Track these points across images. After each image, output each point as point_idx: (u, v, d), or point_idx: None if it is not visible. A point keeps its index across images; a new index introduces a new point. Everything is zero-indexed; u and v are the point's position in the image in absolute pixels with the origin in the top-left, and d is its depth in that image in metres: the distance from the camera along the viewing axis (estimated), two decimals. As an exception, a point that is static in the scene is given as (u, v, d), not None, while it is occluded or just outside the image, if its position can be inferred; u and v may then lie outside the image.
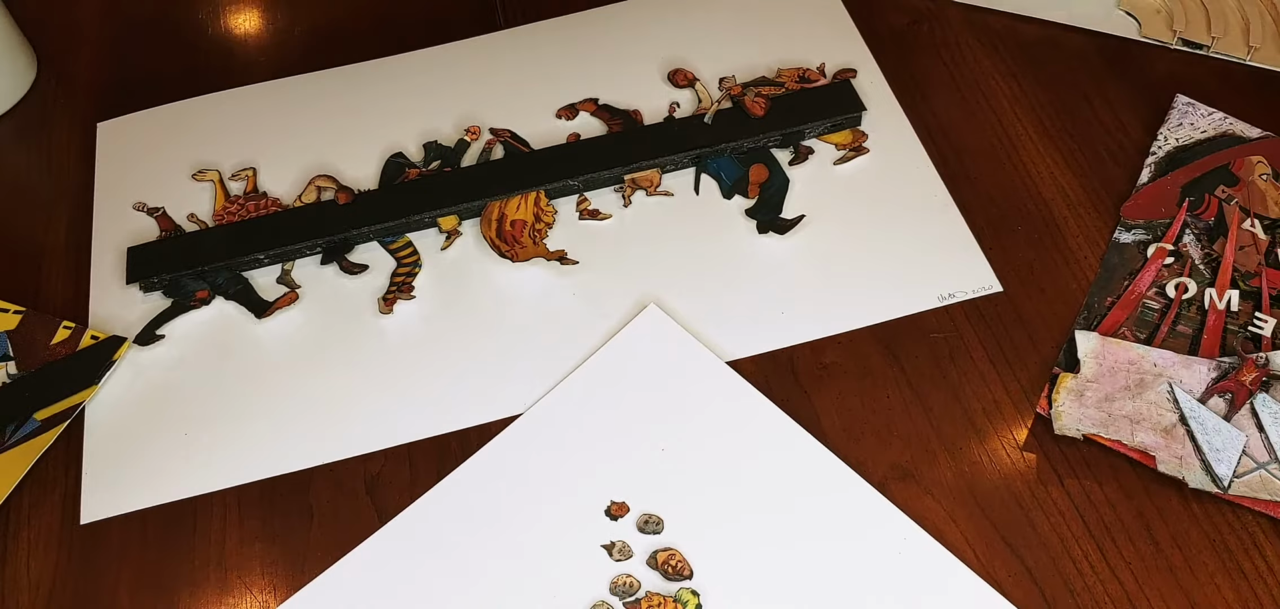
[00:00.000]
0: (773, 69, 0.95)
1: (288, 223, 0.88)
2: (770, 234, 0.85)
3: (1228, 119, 0.89)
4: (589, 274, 0.84)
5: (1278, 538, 0.69)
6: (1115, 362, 0.76)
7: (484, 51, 0.99)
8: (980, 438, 0.74)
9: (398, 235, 0.88)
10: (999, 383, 0.77)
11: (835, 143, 0.90)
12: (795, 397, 0.77)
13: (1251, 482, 0.71)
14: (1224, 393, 0.74)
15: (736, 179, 0.89)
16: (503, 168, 0.90)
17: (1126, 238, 0.83)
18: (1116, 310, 0.79)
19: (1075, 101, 0.92)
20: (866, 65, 0.95)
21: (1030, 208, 0.86)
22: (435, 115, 0.95)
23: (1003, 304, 0.81)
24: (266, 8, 1.05)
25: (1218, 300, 0.79)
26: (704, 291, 0.83)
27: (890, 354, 0.79)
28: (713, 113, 0.92)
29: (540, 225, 0.87)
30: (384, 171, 0.91)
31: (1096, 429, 0.73)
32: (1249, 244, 0.82)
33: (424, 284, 0.85)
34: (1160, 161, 0.87)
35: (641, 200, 0.88)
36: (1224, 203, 0.84)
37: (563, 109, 0.94)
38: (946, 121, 0.91)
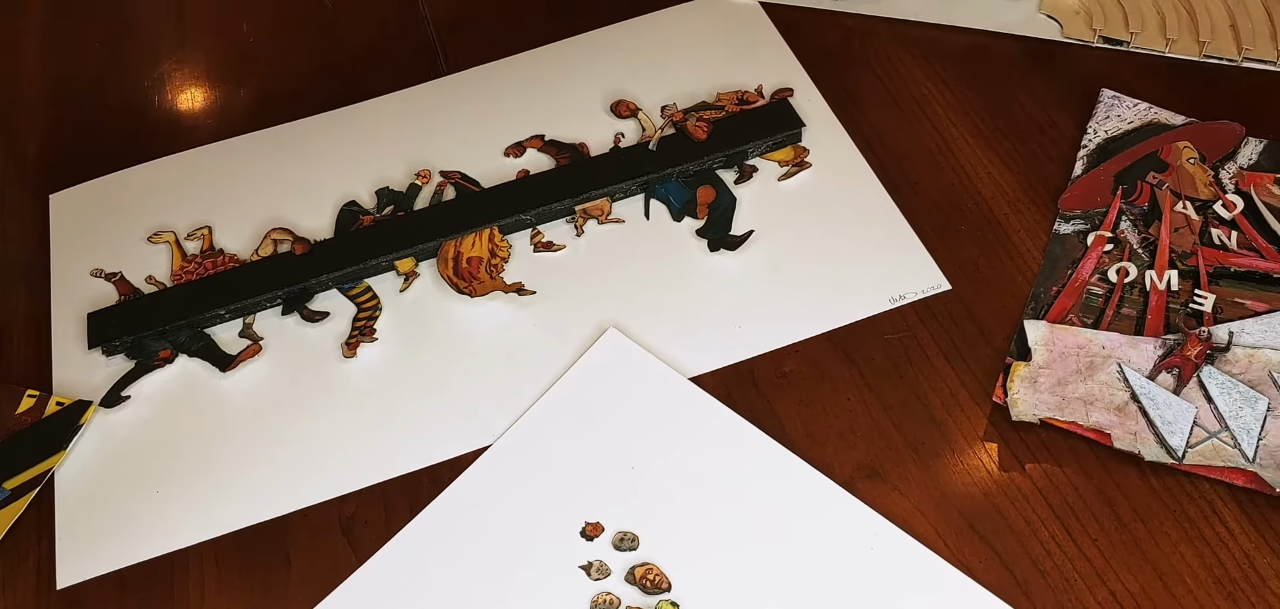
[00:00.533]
0: (712, 94, 0.95)
1: (246, 277, 0.86)
2: (722, 252, 0.85)
3: (1152, 109, 0.89)
4: (547, 304, 0.83)
5: (1236, 504, 0.69)
6: (1065, 347, 0.76)
7: (430, 97, 0.99)
8: (941, 431, 0.74)
9: (356, 281, 0.86)
10: (955, 377, 0.77)
11: (778, 160, 0.90)
12: (758, 406, 0.76)
13: (1205, 450, 0.71)
14: (1171, 368, 0.75)
15: (685, 202, 0.88)
16: (455, 208, 0.89)
17: (1066, 228, 0.83)
18: (1062, 298, 0.79)
19: (1006, 103, 0.92)
20: (802, 84, 0.95)
21: (971, 207, 0.86)
22: (386, 162, 0.93)
23: (952, 301, 0.81)
24: (210, 71, 1.04)
25: (1158, 281, 0.79)
26: (661, 312, 0.82)
27: (847, 358, 0.78)
28: (657, 140, 0.91)
29: (496, 260, 0.86)
30: (339, 220, 0.90)
31: (1052, 413, 0.73)
32: (1183, 226, 0.82)
33: (385, 326, 0.84)
34: (1092, 153, 0.87)
35: (594, 229, 0.88)
36: (1156, 188, 0.84)
37: (510, 147, 0.93)
38: (883, 131, 0.91)
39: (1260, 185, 0.84)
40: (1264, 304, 0.78)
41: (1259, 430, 0.72)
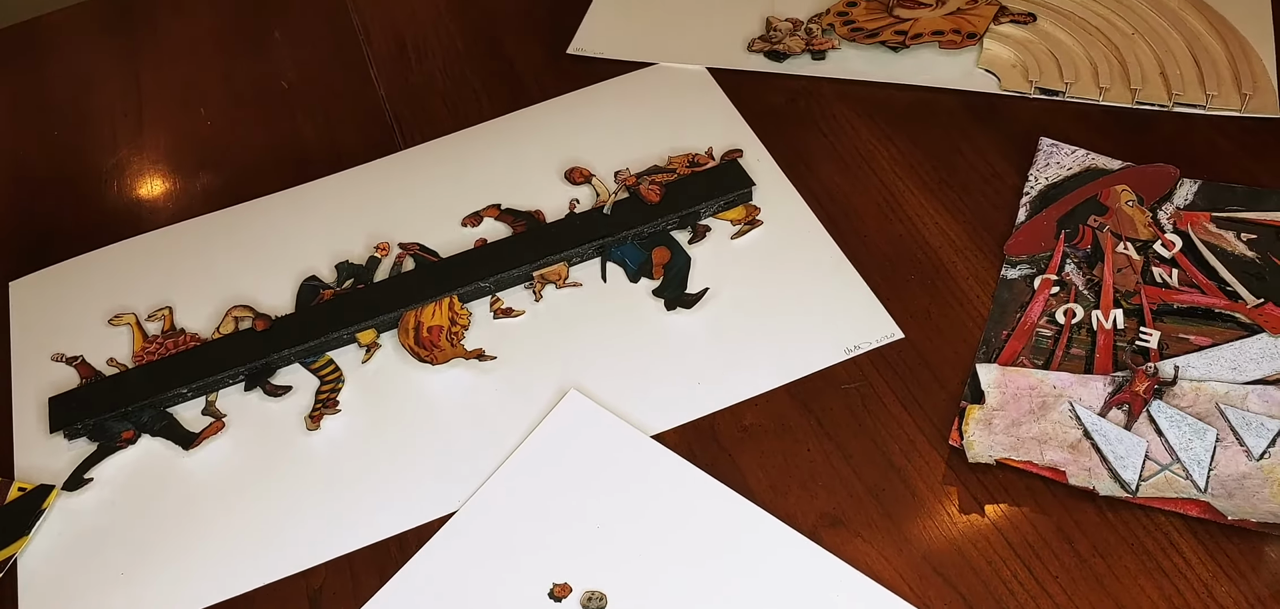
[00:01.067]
0: (664, 158, 0.94)
1: (208, 355, 0.85)
2: (678, 310, 0.84)
3: (1090, 155, 0.90)
4: (509, 368, 0.82)
5: (1191, 534, 0.69)
6: (1017, 388, 0.76)
7: (386, 172, 0.98)
8: (901, 477, 0.73)
9: (318, 355, 0.85)
10: (912, 423, 0.76)
11: (730, 219, 0.90)
12: (720, 460, 0.76)
13: (1157, 483, 0.71)
14: (1121, 405, 0.74)
15: (640, 263, 0.88)
16: (415, 278, 0.88)
17: (1013, 273, 0.83)
18: (1013, 341, 0.79)
19: (949, 155, 0.92)
20: (751, 144, 0.95)
21: (920, 257, 0.86)
22: (345, 237, 0.92)
23: (906, 349, 0.80)
24: (169, 155, 1.02)
25: (1104, 321, 0.79)
26: (621, 372, 0.81)
27: (806, 409, 0.78)
28: (611, 204, 0.91)
29: (456, 328, 0.85)
30: (299, 295, 0.88)
31: (1007, 453, 0.73)
32: (1125, 266, 0.82)
33: (348, 397, 0.82)
34: (1034, 200, 0.87)
35: (552, 293, 0.87)
36: (1097, 231, 0.85)
37: (468, 217, 0.92)
38: (832, 187, 0.91)
39: (1197, 224, 0.84)
40: (1207, 338, 0.78)
41: (1209, 461, 0.71)
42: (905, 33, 1.02)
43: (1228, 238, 0.83)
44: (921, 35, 1.02)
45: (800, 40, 1.03)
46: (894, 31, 1.02)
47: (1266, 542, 0.68)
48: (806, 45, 1.02)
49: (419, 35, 1.10)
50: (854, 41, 1.02)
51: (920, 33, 1.02)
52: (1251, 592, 0.66)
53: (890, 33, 1.02)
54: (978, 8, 1.04)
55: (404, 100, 1.04)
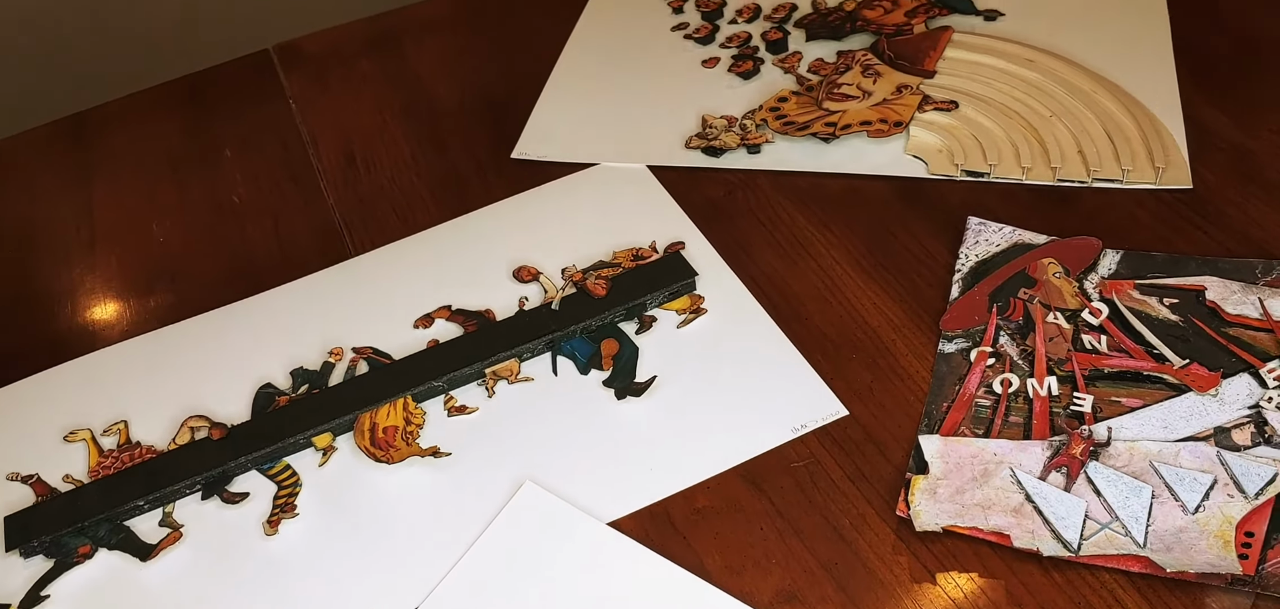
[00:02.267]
0: (609, 253, 0.94)
1: (164, 466, 0.83)
2: (629, 399, 0.83)
3: (1017, 231, 0.91)
4: (464, 464, 0.81)
5: (1134, 589, 0.69)
6: (960, 457, 0.76)
7: (338, 279, 0.97)
8: (852, 549, 0.73)
9: (275, 460, 0.83)
10: (860, 497, 0.76)
11: (676, 309, 0.89)
12: (676, 544, 0.75)
13: (1099, 541, 0.71)
14: (1060, 468, 0.74)
15: (590, 355, 0.87)
16: (369, 381, 0.87)
17: (950, 348, 0.83)
18: (953, 413, 0.79)
19: (883, 238, 0.93)
20: (693, 236, 0.95)
21: (860, 336, 0.86)
22: (299, 344, 0.91)
23: (851, 425, 0.80)
24: (121, 272, 1.01)
25: (1039, 388, 0.80)
26: (576, 462, 0.80)
27: (757, 488, 0.77)
28: (559, 300, 0.90)
29: (411, 427, 0.84)
30: (255, 403, 0.87)
31: (953, 520, 0.72)
32: (1056, 335, 0.83)
33: (306, 501, 0.80)
34: (966, 276, 0.88)
35: (505, 389, 0.86)
36: (1027, 303, 0.85)
37: (419, 319, 0.91)
38: (772, 274, 0.91)
39: (1121, 291, 0.85)
40: (1138, 399, 0.78)
41: (1147, 517, 0.71)
42: (835, 124, 1.03)
43: (1151, 303, 0.84)
44: (850, 126, 1.03)
45: (735, 136, 1.04)
46: (824, 123, 1.03)
47: (1207, 592, 0.68)
48: (742, 140, 1.03)
49: (366, 145, 1.10)
50: (787, 134, 1.03)
51: (849, 123, 1.03)
52: (1196, 642, 0.66)
53: (820, 125, 1.03)
54: (902, 98, 1.05)
55: (353, 208, 1.03)
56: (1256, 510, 0.71)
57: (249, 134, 1.14)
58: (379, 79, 1.19)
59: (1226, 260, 0.87)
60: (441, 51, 1.22)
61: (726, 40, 1.17)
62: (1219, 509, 0.71)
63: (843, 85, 1.08)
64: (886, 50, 1.11)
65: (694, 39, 1.17)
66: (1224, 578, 0.68)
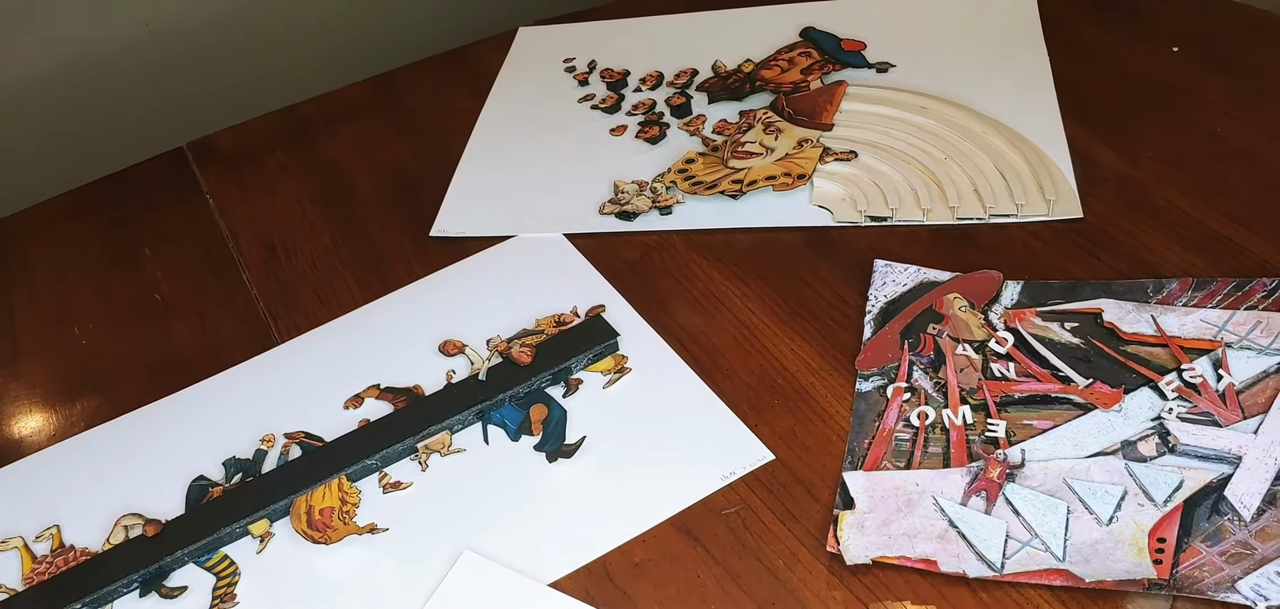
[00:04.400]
0: (532, 321, 0.94)
1: (100, 567, 0.81)
2: (560, 461, 0.83)
3: (921, 270, 0.93)
4: (402, 539, 0.80)
5: (1058, 603, 0.70)
6: (884, 491, 0.77)
7: (266, 368, 0.96)
8: (787, 588, 0.73)
9: (212, 551, 0.82)
10: (791, 537, 0.76)
11: (600, 370, 0.90)
12: (617, 598, 0.74)
13: (1021, 559, 0.72)
14: (979, 492, 0.76)
15: (519, 422, 0.87)
16: (303, 465, 0.86)
17: (866, 386, 0.85)
18: (875, 448, 0.80)
19: (796, 286, 0.94)
20: (612, 299, 0.96)
21: (780, 382, 0.87)
22: (230, 435, 0.90)
23: (778, 469, 0.81)
24: (46, 378, 0.99)
25: (954, 418, 0.81)
26: (512, 527, 0.80)
27: (691, 538, 0.77)
28: (485, 370, 0.90)
29: (347, 507, 0.83)
30: (189, 496, 0.85)
31: (882, 552, 0.73)
32: (966, 366, 0.84)
33: (246, 590, 0.79)
34: (876, 317, 0.89)
35: (438, 462, 0.85)
36: (937, 337, 0.87)
37: (349, 399, 0.91)
38: (692, 329, 0.92)
39: (1024, 320, 0.87)
40: (1048, 421, 0.80)
41: (1064, 532, 0.73)
42: (742, 181, 1.05)
43: (1053, 329, 0.86)
44: (756, 182, 1.04)
45: (647, 199, 1.05)
46: (731, 181, 1.05)
47: (1126, 598, 0.69)
48: (653, 203, 1.04)
49: (286, 234, 1.09)
50: (696, 194, 1.04)
51: (755, 180, 1.05)
52: (1120, 647, 0.67)
53: (727, 182, 1.05)
54: (804, 152, 1.07)
55: (277, 297, 1.03)
56: (1166, 517, 0.73)
57: (168, 232, 1.13)
58: (295, 169, 1.18)
59: (1119, 283, 0.89)
60: (355, 138, 1.22)
61: (632, 108, 1.18)
62: (1131, 519, 0.73)
63: (746, 144, 1.10)
64: (785, 107, 1.14)
65: (601, 109, 1.19)
66: (1141, 583, 0.69)
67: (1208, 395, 0.80)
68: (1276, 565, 0.69)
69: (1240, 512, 0.72)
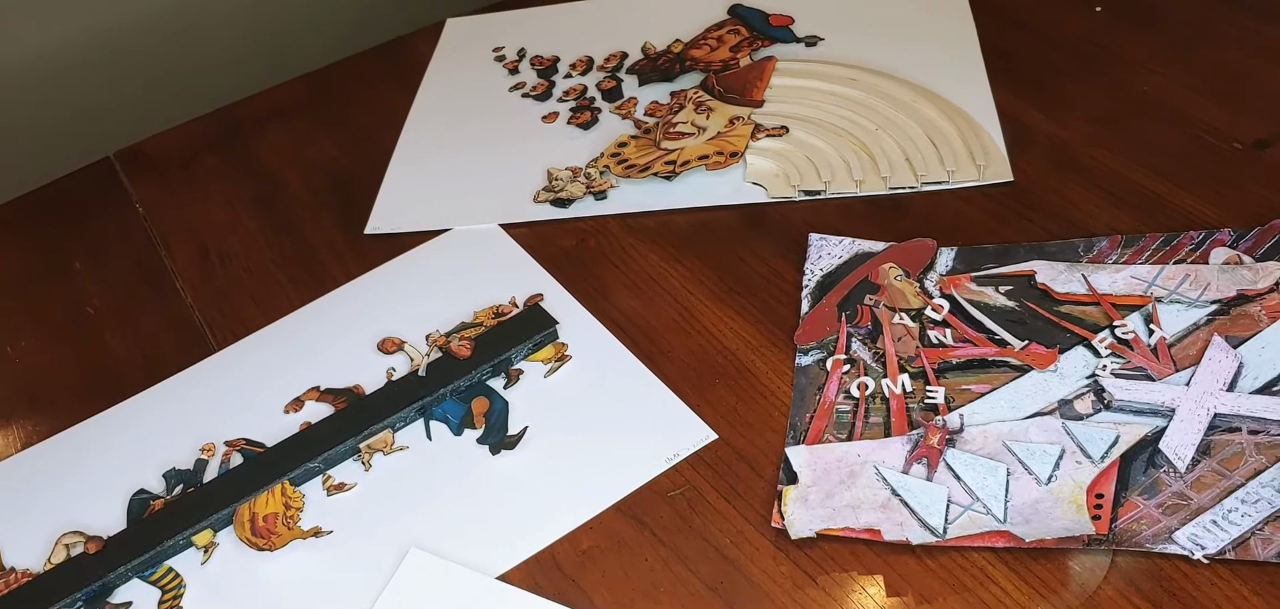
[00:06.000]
0: (470, 314, 0.94)
1: (41, 588, 0.80)
2: (504, 452, 0.83)
3: (856, 242, 0.93)
4: (349, 541, 0.80)
5: (1002, 563, 0.70)
6: (826, 463, 0.77)
7: (203, 376, 0.94)
8: (736, 567, 0.73)
9: (157, 565, 0.81)
10: (737, 514, 0.76)
11: (541, 359, 0.89)
12: (566, 587, 0.74)
13: (963, 523, 0.73)
14: (920, 460, 0.76)
15: (462, 416, 0.86)
16: (244, 472, 0.85)
17: (806, 360, 0.85)
18: (816, 421, 0.80)
19: (733, 264, 0.94)
20: (551, 287, 0.95)
21: (721, 362, 0.87)
22: (169, 447, 0.88)
23: (721, 448, 0.81)
24: (-21, 399, 0.97)
25: (894, 387, 0.82)
26: (459, 522, 0.79)
27: (638, 522, 0.77)
28: (425, 366, 0.90)
29: (291, 512, 0.82)
30: (130, 510, 0.84)
31: (826, 524, 0.74)
32: (904, 334, 0.85)
33: (191, 601, 0.78)
34: (813, 291, 0.90)
35: (381, 461, 0.85)
36: (874, 308, 0.87)
37: (289, 403, 0.90)
38: (631, 313, 0.92)
39: (959, 286, 0.88)
40: (986, 384, 0.80)
41: (1004, 494, 0.74)
42: (675, 162, 1.04)
43: (988, 293, 0.87)
44: (689, 162, 1.04)
45: (581, 185, 1.04)
46: (664, 163, 1.05)
47: (1068, 556, 0.70)
48: (588, 188, 1.04)
49: (219, 239, 1.08)
50: (630, 177, 1.04)
51: (687, 160, 1.04)
52: (1064, 604, 0.68)
53: (660, 164, 1.05)
54: (735, 129, 1.07)
55: (212, 304, 1.01)
56: (1104, 473, 0.74)
57: (97, 243, 1.11)
58: (225, 172, 1.17)
59: (1051, 244, 0.90)
60: (285, 138, 1.20)
61: (563, 94, 1.17)
62: (1070, 476, 0.74)
63: (678, 124, 1.10)
64: (716, 86, 1.14)
65: (532, 97, 1.18)
66: (1081, 540, 0.70)
67: (1140, 350, 0.81)
68: (1213, 514, 0.70)
69: (1175, 463, 0.73)
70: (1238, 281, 0.84)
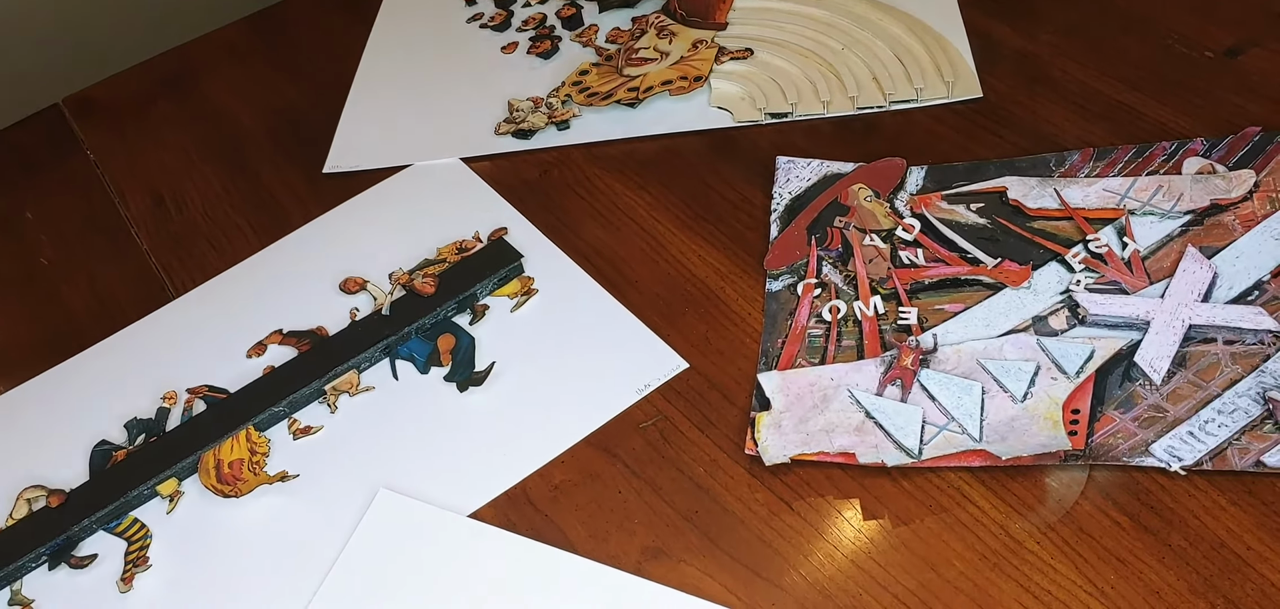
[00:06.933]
0: (433, 250, 0.92)
1: (3, 544, 0.78)
2: (471, 390, 0.82)
3: (825, 164, 0.92)
4: (317, 485, 0.79)
5: (979, 483, 0.70)
6: (799, 388, 0.77)
7: (163, 324, 0.93)
8: (710, 496, 0.73)
9: (122, 516, 0.79)
10: (710, 443, 0.76)
11: (507, 294, 0.88)
12: (539, 523, 0.74)
13: (938, 443, 0.72)
14: (894, 381, 0.76)
15: (428, 354, 0.85)
16: (208, 419, 0.83)
17: (776, 285, 0.84)
18: (789, 347, 0.79)
19: (700, 191, 0.93)
20: (515, 220, 0.94)
21: (690, 290, 0.86)
22: (130, 396, 0.87)
23: (693, 377, 0.80)
24: (-68, 356, 0.95)
25: (866, 310, 0.81)
26: (428, 461, 0.78)
27: (610, 454, 0.76)
28: (389, 305, 0.88)
29: (257, 457, 0.81)
30: (92, 462, 0.83)
31: (800, 449, 0.73)
32: (875, 256, 0.84)
33: (159, 552, 0.77)
34: (782, 215, 0.89)
35: (347, 402, 0.83)
36: (844, 230, 0.86)
37: (252, 347, 0.88)
38: (597, 244, 0.91)
39: (930, 204, 0.87)
40: (959, 303, 0.80)
41: (980, 412, 0.73)
42: (638, 89, 1.03)
43: (959, 211, 0.86)
44: (652, 88, 1.03)
45: (543, 116, 1.03)
46: (627, 90, 1.03)
47: (1045, 473, 0.70)
48: (550, 118, 1.02)
49: (174, 185, 1.06)
50: (592, 106, 1.03)
51: (651, 86, 1.03)
52: (1042, 520, 0.68)
53: (624, 91, 1.03)
54: (699, 53, 1.06)
55: (169, 251, 0.99)
56: (1079, 388, 0.73)
57: (49, 193, 1.09)
58: (178, 116, 1.14)
59: (1022, 159, 0.89)
60: (238, 78, 1.18)
61: (522, 24, 1.15)
62: (1045, 393, 0.74)
63: (640, 50, 1.08)
64: (678, 10, 1.12)
65: (490, 27, 1.16)
66: (1058, 456, 0.70)
67: (1114, 264, 0.80)
68: (1189, 426, 0.70)
69: (1151, 376, 0.73)
70: (1211, 191, 0.83)
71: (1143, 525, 0.67)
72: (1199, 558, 0.65)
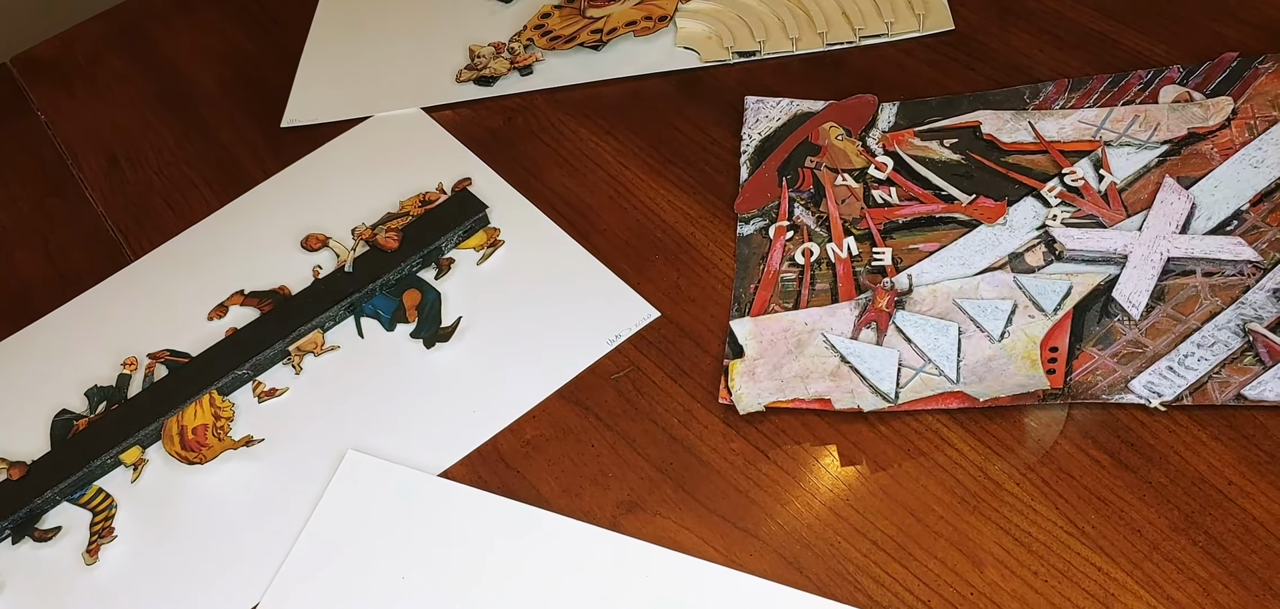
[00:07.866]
0: (396, 204, 0.91)
1: (-36, 520, 0.77)
2: (439, 346, 0.81)
3: (794, 103, 0.91)
4: (284, 448, 0.78)
5: (957, 425, 0.70)
6: (772, 334, 0.76)
7: (121, 287, 0.91)
8: (685, 447, 0.72)
9: (85, 487, 0.78)
10: (684, 393, 0.75)
11: (473, 246, 0.87)
12: (511, 480, 0.73)
13: (915, 386, 0.71)
14: (869, 324, 0.75)
15: (393, 311, 0.84)
16: (169, 385, 0.82)
17: (748, 229, 0.83)
18: (761, 292, 0.79)
19: (668, 134, 0.92)
20: (479, 170, 0.92)
21: (660, 236, 0.85)
22: (89, 363, 0.85)
23: (664, 326, 0.79)
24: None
25: (839, 251, 0.80)
26: (396, 420, 0.78)
27: (582, 407, 0.76)
28: (352, 261, 0.87)
29: (221, 422, 0.80)
30: (53, 432, 0.81)
31: (774, 397, 0.72)
32: (847, 196, 0.83)
33: (124, 522, 0.76)
34: (752, 156, 0.88)
35: (312, 363, 0.82)
36: (815, 170, 0.85)
37: (213, 310, 0.87)
38: (564, 192, 0.89)
39: (903, 141, 0.86)
40: (934, 242, 0.79)
41: (957, 353, 0.73)
42: (601, 30, 1.01)
43: (932, 147, 0.85)
44: (616, 29, 1.01)
45: (505, 61, 1.01)
46: (590, 32, 1.01)
47: (1023, 413, 0.69)
48: (512, 64, 1.00)
49: (128, 144, 1.04)
50: (555, 50, 1.01)
51: (615, 27, 1.01)
52: (1021, 462, 0.68)
53: (587, 34, 1.01)
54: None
55: (125, 212, 0.97)
56: (1057, 326, 0.73)
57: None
58: (130, 73, 1.12)
59: (996, 92, 0.88)
60: (191, 32, 1.15)
61: (483, -33, 1.14)
62: (1023, 331, 0.73)
63: (605, -9, 1.06)
64: (643, -52, 1.10)
65: (450, -29, 1.14)
66: (1036, 395, 0.69)
67: (1090, 197, 0.79)
68: (1169, 361, 0.70)
69: (1129, 311, 0.73)
70: (1188, 120, 0.82)
71: (1123, 463, 0.67)
72: (1180, 494, 0.65)
